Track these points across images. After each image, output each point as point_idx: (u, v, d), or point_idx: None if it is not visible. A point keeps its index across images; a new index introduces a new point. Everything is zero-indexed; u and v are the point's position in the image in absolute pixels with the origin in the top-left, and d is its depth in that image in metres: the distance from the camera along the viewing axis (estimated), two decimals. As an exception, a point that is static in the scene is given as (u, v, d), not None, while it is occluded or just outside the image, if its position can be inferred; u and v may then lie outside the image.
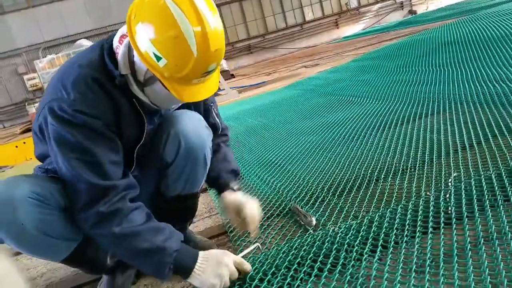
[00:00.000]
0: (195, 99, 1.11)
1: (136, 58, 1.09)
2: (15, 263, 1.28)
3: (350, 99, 3.72)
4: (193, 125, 1.33)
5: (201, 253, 1.18)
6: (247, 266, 1.19)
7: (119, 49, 1.12)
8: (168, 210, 1.39)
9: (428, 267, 1.04)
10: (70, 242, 1.19)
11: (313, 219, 1.49)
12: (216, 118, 1.48)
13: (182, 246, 1.17)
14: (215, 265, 1.15)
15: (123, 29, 1.13)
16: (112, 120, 1.13)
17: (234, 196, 1.40)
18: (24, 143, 6.02)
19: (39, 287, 1.65)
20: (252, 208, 1.37)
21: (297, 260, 1.21)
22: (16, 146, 5.97)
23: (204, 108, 1.43)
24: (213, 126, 1.45)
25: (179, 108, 1.38)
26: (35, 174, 1.23)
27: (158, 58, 1.01)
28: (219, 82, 1.40)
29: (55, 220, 1.12)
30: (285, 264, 1.21)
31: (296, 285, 1.12)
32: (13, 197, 1.06)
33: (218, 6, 6.07)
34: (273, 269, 1.21)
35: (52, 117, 1.08)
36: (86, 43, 11.36)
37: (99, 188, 1.09)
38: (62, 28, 15.42)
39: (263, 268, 1.23)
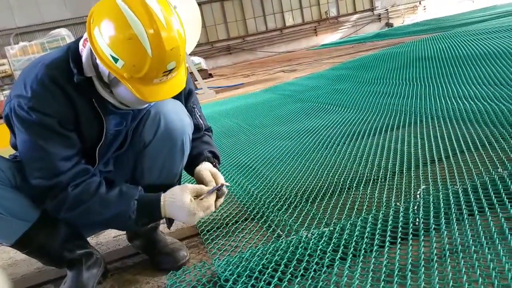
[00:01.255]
0: (158, 98, 1.13)
1: (98, 61, 1.11)
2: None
3: (326, 106, 3.78)
4: (175, 109, 1.36)
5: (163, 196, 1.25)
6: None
7: (83, 52, 1.16)
8: None
9: (396, 277, 1.07)
10: (20, 221, 1.19)
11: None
12: (199, 119, 1.49)
13: (139, 201, 1.22)
14: (180, 204, 1.22)
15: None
16: (69, 118, 1.18)
17: (211, 167, 1.39)
18: (-11, 131, 5.79)
19: (-1, 283, 1.59)
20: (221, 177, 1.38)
21: (271, 265, 1.22)
22: (-19, 134, 5.74)
23: (187, 109, 1.43)
24: (196, 126, 1.46)
25: None
26: None
27: (116, 60, 1.05)
28: (189, 80, 1.41)
29: (1, 195, 1.14)
30: (259, 267, 1.22)
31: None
32: None
33: (199, 4, 6.02)
34: (248, 271, 1.22)
35: (13, 113, 1.15)
36: (64, 33, 11.03)
37: (45, 187, 1.17)
38: (37, 15, 14.93)
39: (238, 270, 1.23)
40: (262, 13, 17.76)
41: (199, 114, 1.50)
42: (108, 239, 1.79)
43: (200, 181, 1.36)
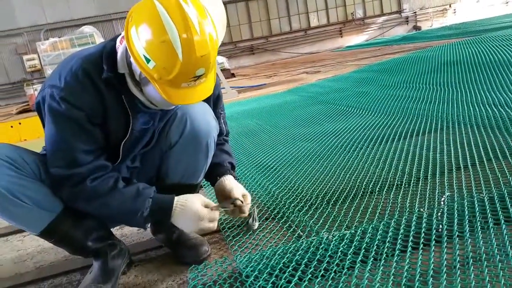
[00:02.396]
0: (185, 102, 1.16)
1: (132, 59, 1.15)
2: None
3: (349, 109, 3.76)
4: (201, 111, 1.40)
5: (177, 202, 1.30)
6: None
7: (119, 49, 1.20)
8: None
9: (417, 282, 1.07)
10: (46, 212, 1.23)
11: (256, 224, 1.60)
12: (223, 125, 1.56)
13: (153, 200, 1.27)
14: (190, 214, 1.28)
15: None
16: (97, 112, 1.22)
17: (228, 181, 1.50)
18: (20, 123, 5.98)
19: (29, 269, 1.65)
20: (242, 190, 1.49)
21: (292, 264, 1.24)
22: (12, 126, 5.93)
23: (215, 114, 1.48)
24: (220, 131, 1.53)
25: None
26: (20, 146, 1.29)
27: (148, 60, 1.08)
28: (217, 85, 1.46)
29: (26, 186, 1.19)
30: (279, 265, 1.24)
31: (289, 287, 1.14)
32: None
33: (224, 4, 6.06)
34: (268, 269, 1.24)
35: (45, 102, 1.20)
36: (88, 30, 11.30)
37: (64, 177, 1.21)
38: (66, 11, 15.34)
39: (259, 267, 1.25)
40: (287, 13, 17.76)
41: (223, 120, 1.56)
42: (133, 231, 1.83)
43: (224, 195, 1.46)
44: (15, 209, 1.18)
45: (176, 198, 1.30)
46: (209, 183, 1.61)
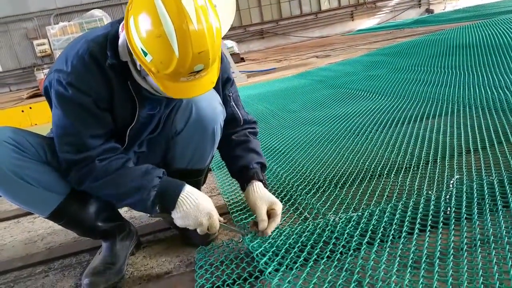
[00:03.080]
0: (183, 96, 1.14)
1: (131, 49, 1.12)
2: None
3: (359, 93, 3.71)
4: (207, 97, 1.36)
5: (187, 190, 1.24)
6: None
7: (120, 37, 1.17)
8: None
9: (424, 264, 1.06)
10: (54, 194, 1.24)
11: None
12: (236, 108, 1.48)
13: (162, 181, 1.23)
14: (196, 208, 1.22)
15: None
16: (104, 97, 1.20)
17: (266, 192, 1.38)
18: (30, 108, 6.04)
19: (39, 250, 1.69)
20: (273, 206, 1.34)
21: (298, 245, 1.24)
22: (22, 111, 6.00)
23: (223, 98, 1.44)
24: (232, 117, 1.47)
25: None
26: (26, 129, 1.29)
27: (145, 54, 1.04)
28: (227, 69, 1.42)
29: (32, 168, 1.19)
30: (285, 246, 1.24)
31: (295, 268, 1.15)
32: None
33: (234, -13, 5.92)
34: (274, 248, 1.24)
35: (52, 87, 1.19)
36: (98, 14, 11.28)
37: (72, 160, 1.19)
38: (76, -4, 15.28)
39: (264, 246, 1.26)
40: (297, -4, 17.48)
41: (236, 103, 1.48)
42: (141, 213, 1.84)
43: (252, 210, 1.36)
44: (22, 191, 1.19)
45: (186, 184, 1.26)
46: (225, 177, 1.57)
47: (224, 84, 1.45)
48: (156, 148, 1.44)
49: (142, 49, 1.04)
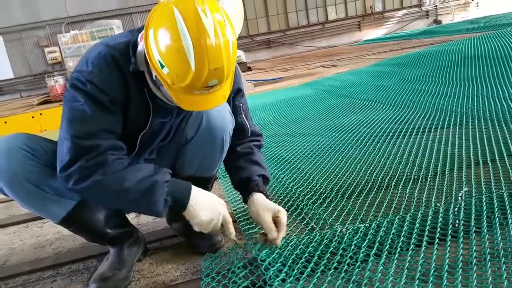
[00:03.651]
0: (196, 108, 1.15)
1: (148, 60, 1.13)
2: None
3: (367, 103, 3.71)
4: (217, 107, 1.33)
5: (194, 187, 1.24)
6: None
7: (139, 46, 1.18)
8: None
9: (432, 277, 1.05)
10: (65, 200, 1.25)
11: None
12: (245, 119, 1.49)
13: (171, 179, 1.22)
14: (211, 200, 1.24)
15: None
16: (120, 99, 1.19)
17: (268, 201, 1.37)
18: (41, 114, 6.12)
19: (48, 254, 1.70)
20: (277, 214, 1.33)
21: (305, 255, 1.24)
22: (33, 117, 6.07)
23: (233, 107, 1.45)
24: (240, 127, 1.48)
25: None
26: (39, 135, 1.30)
27: (162, 66, 1.06)
28: (238, 79, 1.43)
29: (46, 175, 1.20)
30: (292, 256, 1.24)
31: (301, 278, 1.14)
32: (9, 146, 1.18)
33: (242, -4, 5.97)
34: (281, 259, 1.24)
35: (70, 84, 1.18)
36: (108, 22, 11.41)
37: (82, 147, 1.13)
38: (87, 4, 15.51)
39: (272, 256, 1.26)
40: (304, 6, 17.59)
41: (244, 114, 1.49)
42: (148, 220, 1.86)
43: (257, 221, 1.36)
44: (34, 197, 1.21)
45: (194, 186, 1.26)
46: (225, 183, 1.57)
47: (235, 95, 1.47)
48: (166, 156, 1.45)
49: (159, 61, 1.06)
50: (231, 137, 1.46)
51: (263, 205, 1.35)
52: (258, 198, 1.37)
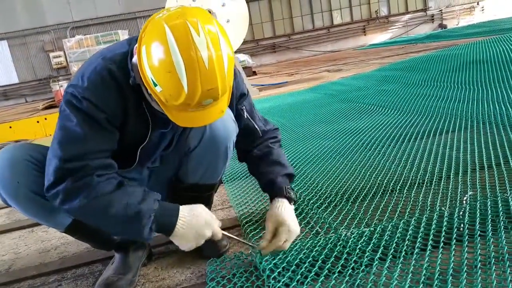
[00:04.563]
0: (192, 125, 1.14)
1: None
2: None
3: (371, 108, 3.71)
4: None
5: (184, 208, 1.21)
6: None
7: (134, 59, 1.13)
8: (184, 197, 1.43)
9: (436, 281, 1.05)
10: None
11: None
12: (251, 121, 1.45)
13: (160, 205, 1.18)
14: (197, 225, 1.20)
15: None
16: (118, 115, 1.16)
17: (282, 211, 1.33)
18: (46, 119, 6.16)
19: (53, 259, 1.70)
20: (290, 232, 1.31)
21: (309, 260, 1.24)
22: (38, 122, 6.12)
23: (236, 112, 1.43)
24: (248, 130, 1.45)
25: None
26: (43, 145, 1.29)
27: (155, 84, 1.03)
28: (240, 84, 1.40)
29: None
30: (296, 261, 1.24)
31: (305, 283, 1.14)
32: (14, 159, 1.18)
33: (247, 2, 6.00)
34: (284, 264, 1.24)
35: (65, 100, 1.15)
36: (120, 32, 11.46)
37: (69, 169, 1.11)
38: (92, 9, 15.65)
39: (275, 261, 1.26)
40: (309, 11, 17.65)
41: (249, 116, 1.45)
42: (153, 225, 1.86)
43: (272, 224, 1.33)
44: (40, 209, 1.21)
45: (181, 206, 1.23)
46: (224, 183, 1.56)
47: (238, 100, 1.44)
48: (169, 164, 1.45)
49: (152, 79, 1.03)
50: (243, 143, 1.45)
51: (274, 214, 1.33)
52: (276, 205, 1.35)
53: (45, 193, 1.13)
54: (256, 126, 1.47)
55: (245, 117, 1.45)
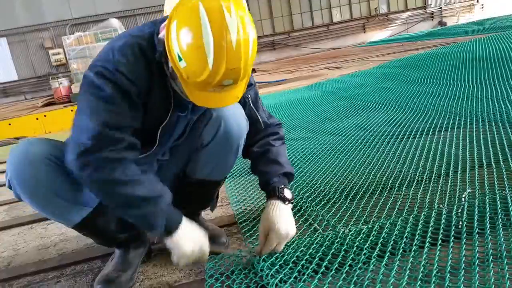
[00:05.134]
0: (208, 105, 1.15)
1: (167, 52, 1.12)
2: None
3: (371, 105, 3.71)
4: (234, 113, 1.37)
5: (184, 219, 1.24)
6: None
7: (160, 35, 1.16)
8: (189, 193, 1.44)
9: (434, 278, 1.05)
10: (82, 207, 1.25)
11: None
12: (255, 111, 1.44)
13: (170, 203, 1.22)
14: (197, 233, 1.23)
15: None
16: (145, 89, 1.18)
17: (275, 214, 1.30)
18: (45, 116, 6.15)
19: (52, 256, 1.71)
20: (281, 236, 1.28)
21: (306, 257, 1.24)
22: (37, 119, 6.10)
23: (241, 100, 1.41)
24: (251, 120, 1.43)
25: None
26: (58, 140, 1.28)
27: (180, 59, 1.05)
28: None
29: (68, 183, 1.19)
30: (293, 259, 1.24)
31: (302, 280, 1.15)
32: (34, 155, 1.16)
33: (247, -1, 5.97)
34: (281, 261, 1.24)
35: (93, 72, 1.13)
36: (113, 24, 11.44)
37: (110, 136, 1.11)
38: (91, 6, 15.61)
39: (271, 260, 1.26)
40: (309, 8, 17.60)
41: (254, 105, 1.44)
42: (152, 222, 1.86)
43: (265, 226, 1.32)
44: (53, 205, 1.21)
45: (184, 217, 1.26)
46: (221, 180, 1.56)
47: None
48: (179, 158, 1.45)
49: (178, 54, 1.06)
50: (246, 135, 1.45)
51: (265, 218, 1.31)
52: (270, 207, 1.32)
53: (73, 159, 1.11)
54: (259, 117, 1.45)
55: (250, 105, 1.43)
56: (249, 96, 1.43)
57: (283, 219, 1.29)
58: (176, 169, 1.46)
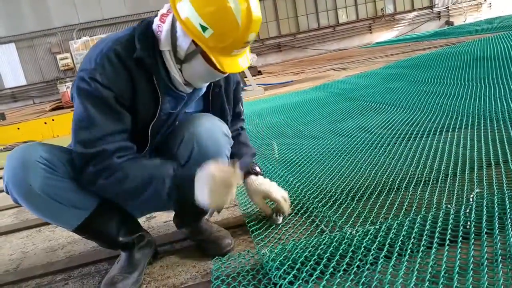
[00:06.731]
0: (234, 70, 1.20)
1: (180, 33, 1.17)
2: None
3: (377, 106, 3.69)
4: (210, 130, 1.34)
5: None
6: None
7: (162, 27, 1.21)
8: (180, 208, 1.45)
9: (442, 278, 1.04)
10: (80, 210, 1.26)
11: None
12: (242, 106, 1.61)
13: (177, 169, 1.26)
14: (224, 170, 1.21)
15: (163, 10, 1.23)
16: (126, 94, 1.21)
17: (261, 181, 1.56)
18: (53, 120, 6.20)
19: (59, 258, 1.72)
20: (280, 191, 1.56)
21: (314, 258, 1.23)
22: (45, 123, 6.15)
23: (235, 100, 1.52)
24: (239, 114, 1.60)
25: (213, 100, 1.44)
26: (54, 144, 1.30)
27: (204, 29, 1.10)
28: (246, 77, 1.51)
29: (61, 187, 1.21)
30: (301, 259, 1.24)
31: (311, 281, 1.14)
32: (26, 160, 1.18)
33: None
34: (290, 262, 1.24)
35: (75, 84, 1.21)
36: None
37: (88, 154, 1.19)
38: (98, 11, 15.76)
39: (280, 259, 1.26)
40: (315, 10, 17.61)
41: (241, 102, 1.60)
42: (159, 224, 1.87)
43: (258, 195, 1.57)
44: (51, 209, 1.22)
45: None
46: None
47: (236, 87, 1.53)
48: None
49: (201, 25, 1.10)
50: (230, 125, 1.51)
51: (254, 189, 1.55)
52: (250, 181, 1.56)
53: (77, 176, 1.22)
54: (242, 110, 1.62)
55: (240, 102, 1.60)
56: (241, 96, 1.61)
57: (268, 182, 1.58)
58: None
